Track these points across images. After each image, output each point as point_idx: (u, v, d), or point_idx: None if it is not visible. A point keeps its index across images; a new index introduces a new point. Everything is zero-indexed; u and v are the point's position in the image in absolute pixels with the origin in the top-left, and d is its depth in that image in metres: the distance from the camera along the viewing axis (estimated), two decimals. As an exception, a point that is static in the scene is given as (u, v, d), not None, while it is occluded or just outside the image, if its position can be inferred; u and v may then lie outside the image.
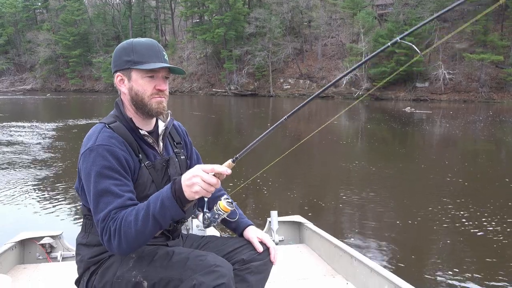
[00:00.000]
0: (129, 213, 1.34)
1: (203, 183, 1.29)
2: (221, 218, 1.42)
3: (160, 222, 1.33)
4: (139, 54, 1.48)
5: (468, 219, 5.30)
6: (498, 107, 27.64)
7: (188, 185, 1.30)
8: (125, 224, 1.32)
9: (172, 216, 1.33)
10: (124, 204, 1.37)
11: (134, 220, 1.32)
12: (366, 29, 38.32)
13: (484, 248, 4.47)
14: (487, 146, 12.15)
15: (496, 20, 35.26)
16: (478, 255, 4.31)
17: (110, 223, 1.34)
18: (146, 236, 1.34)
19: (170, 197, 1.32)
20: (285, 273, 2.57)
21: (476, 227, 5.01)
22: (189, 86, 49.66)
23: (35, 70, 62.58)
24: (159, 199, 1.33)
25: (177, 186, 1.32)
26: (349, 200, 6.20)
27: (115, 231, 1.32)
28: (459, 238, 4.74)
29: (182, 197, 1.32)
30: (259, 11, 44.22)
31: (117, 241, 1.32)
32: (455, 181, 7.53)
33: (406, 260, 4.24)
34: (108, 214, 1.35)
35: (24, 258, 2.80)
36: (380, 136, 14.52)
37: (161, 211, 1.31)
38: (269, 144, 10.33)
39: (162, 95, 1.53)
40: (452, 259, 4.19)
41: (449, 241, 4.69)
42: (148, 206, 1.33)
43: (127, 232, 1.31)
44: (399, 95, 35.51)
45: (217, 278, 1.32)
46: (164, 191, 1.35)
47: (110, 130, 1.46)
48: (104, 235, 1.35)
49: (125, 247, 1.33)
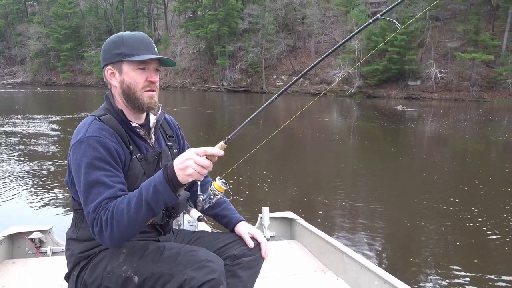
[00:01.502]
0: (121, 202, 1.33)
1: (196, 165, 1.29)
2: (216, 198, 1.42)
3: (153, 208, 1.32)
4: (129, 47, 1.47)
5: (457, 216, 5.37)
6: (488, 106, 27.93)
7: (181, 168, 1.30)
8: (117, 213, 1.30)
9: (165, 201, 1.33)
10: (115, 195, 1.35)
11: (126, 208, 1.31)
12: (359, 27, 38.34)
13: (474, 244, 4.54)
14: (476, 145, 12.29)
15: (487, 19, 35.52)
16: (467, 252, 4.38)
17: (102, 213, 1.32)
18: (138, 224, 1.33)
19: (163, 182, 1.31)
20: (276, 268, 2.58)
21: (465, 224, 5.07)
22: (181, 81, 49.40)
23: (25, 64, 61.74)
24: (152, 184, 1.32)
25: (169, 170, 1.32)
26: (340, 196, 6.24)
27: (106, 221, 1.31)
28: (448, 235, 4.80)
29: (175, 181, 1.31)
30: (252, 7, 44.07)
31: (109, 231, 1.31)
32: (444, 179, 7.62)
33: (396, 256, 4.28)
34: (99, 204, 1.33)
35: (13, 252, 2.78)
36: (371, 133, 14.60)
37: (154, 196, 1.31)
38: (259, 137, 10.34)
39: (153, 87, 1.52)
40: (442, 256, 4.24)
41: (438, 238, 4.75)
42: (140, 193, 1.32)
43: (119, 220, 1.30)
44: (391, 93, 35.69)
45: (208, 273, 1.32)
46: (156, 176, 1.34)
47: (100, 122, 1.45)
48: (95, 226, 1.33)
49: (117, 236, 1.32)
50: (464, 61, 32.92)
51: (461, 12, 35.93)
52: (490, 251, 4.37)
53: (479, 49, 32.88)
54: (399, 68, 34.58)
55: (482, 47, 33.26)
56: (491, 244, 4.52)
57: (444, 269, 3.87)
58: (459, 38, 35.48)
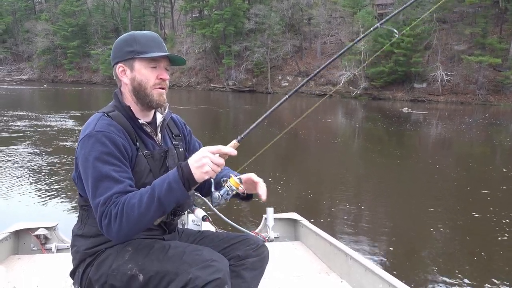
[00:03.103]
0: (132, 196, 1.34)
1: (212, 163, 1.33)
2: (233, 194, 1.45)
3: (164, 205, 1.33)
4: (141, 45, 1.50)
5: (463, 220, 5.34)
6: (494, 109, 27.76)
7: (197, 167, 1.33)
8: (127, 207, 1.31)
9: (178, 199, 1.35)
10: (125, 190, 1.36)
11: (138, 203, 1.32)
12: (366, 28, 38.23)
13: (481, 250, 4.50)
14: (481, 149, 12.21)
15: (495, 23, 35.30)
16: (473, 257, 4.34)
17: (112, 206, 1.33)
18: (148, 220, 1.34)
19: (178, 180, 1.33)
20: (280, 269, 2.57)
21: (470, 228, 5.04)
22: (187, 80, 49.50)
23: (32, 60, 62.08)
24: (165, 182, 1.34)
25: (185, 169, 1.34)
26: (344, 198, 6.22)
27: (116, 214, 1.32)
28: (454, 239, 4.77)
29: (190, 179, 1.33)
30: (259, 7, 44.07)
31: (117, 224, 1.31)
32: (449, 182, 7.57)
33: (400, 260, 4.26)
34: (110, 197, 1.34)
35: (18, 249, 2.79)
36: (376, 136, 14.56)
37: (168, 194, 1.32)
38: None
39: (164, 85, 1.55)
40: (447, 259, 4.21)
41: (444, 242, 4.72)
42: (153, 189, 1.34)
43: (129, 215, 1.31)
44: (396, 95, 35.56)
45: (213, 273, 1.32)
46: (170, 175, 1.36)
47: (108, 118, 1.47)
48: (104, 219, 1.33)
49: (125, 231, 1.33)
50: (471, 64, 32.71)
51: (469, 14, 35.70)
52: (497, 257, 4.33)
53: (486, 52, 32.67)
54: (405, 70, 34.43)
55: (490, 50, 33.05)
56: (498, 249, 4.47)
57: (449, 273, 3.85)
58: (466, 41, 35.27)
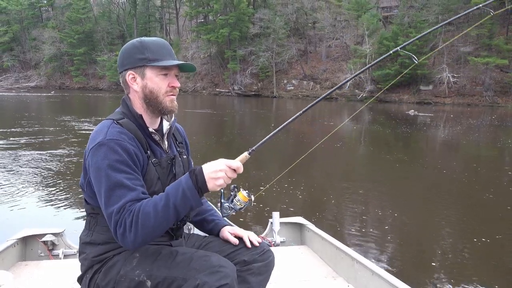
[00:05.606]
0: (146, 204, 1.34)
1: (226, 178, 1.36)
2: (240, 207, 1.49)
3: (180, 212, 1.35)
4: (153, 52, 1.49)
5: (472, 225, 5.29)
6: (502, 111, 27.52)
7: (213, 178, 1.35)
8: (142, 216, 1.32)
9: (192, 206, 1.37)
10: (139, 197, 1.37)
11: (153, 211, 1.32)
12: (371, 31, 38.27)
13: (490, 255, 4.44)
14: (490, 152, 12.10)
15: (501, 24, 35.10)
16: (481, 262, 4.29)
17: (126, 215, 1.33)
18: (163, 228, 1.36)
19: (192, 188, 1.34)
20: (286, 274, 2.57)
21: (479, 233, 4.99)
22: (192, 85, 49.75)
23: (39, 68, 62.80)
24: (180, 189, 1.35)
25: (199, 177, 1.36)
26: (351, 202, 6.19)
27: (131, 223, 1.32)
28: (462, 244, 4.72)
29: (203, 188, 1.36)
30: (263, 11, 44.26)
31: (133, 233, 1.32)
32: (457, 187, 7.51)
33: (407, 264, 4.23)
34: (123, 206, 1.34)
35: (26, 255, 2.81)
36: (383, 139, 14.49)
37: (183, 201, 1.34)
38: (277, 149, 10.34)
39: (175, 92, 1.56)
40: (455, 265, 4.17)
41: (452, 246, 4.67)
42: (167, 197, 1.35)
43: (145, 223, 1.31)
44: (403, 97, 35.46)
45: (221, 279, 1.33)
46: (183, 182, 1.37)
47: (119, 126, 1.46)
48: (119, 228, 1.33)
49: (141, 239, 1.33)
50: (478, 66, 32.54)
51: (475, 16, 35.51)
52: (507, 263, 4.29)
53: (493, 54, 32.50)
54: (411, 73, 34.33)
55: (496, 52, 32.86)
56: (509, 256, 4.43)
57: (458, 279, 3.81)
58: (472, 42, 35.11)
